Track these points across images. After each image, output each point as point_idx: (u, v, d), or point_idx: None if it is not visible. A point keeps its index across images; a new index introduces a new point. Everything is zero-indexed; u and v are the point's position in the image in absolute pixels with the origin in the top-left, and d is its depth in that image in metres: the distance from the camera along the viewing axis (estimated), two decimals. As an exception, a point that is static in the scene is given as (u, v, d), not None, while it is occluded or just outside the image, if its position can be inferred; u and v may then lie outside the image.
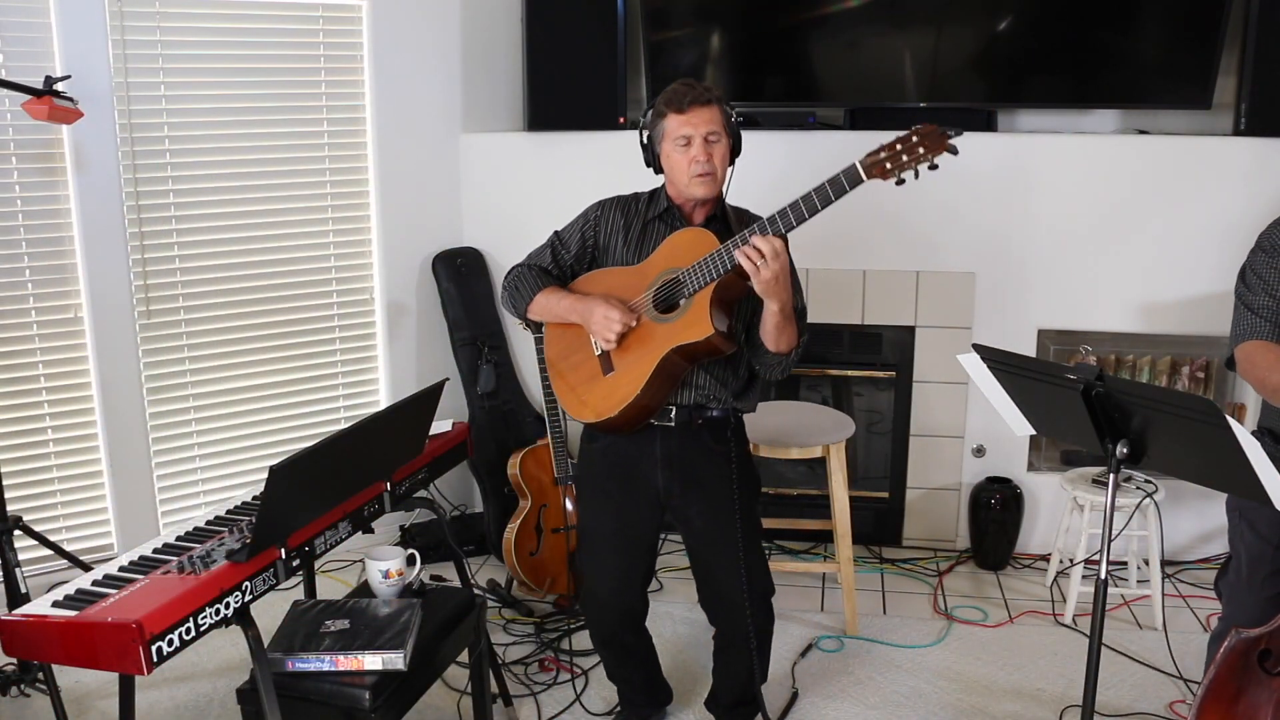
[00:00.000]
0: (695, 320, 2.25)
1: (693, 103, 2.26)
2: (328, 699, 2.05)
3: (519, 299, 2.47)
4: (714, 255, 2.21)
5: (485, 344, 3.84)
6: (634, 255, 2.40)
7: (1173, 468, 2.02)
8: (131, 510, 3.40)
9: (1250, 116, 3.40)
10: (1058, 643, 3.18)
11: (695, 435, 2.41)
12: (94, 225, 3.20)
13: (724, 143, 2.30)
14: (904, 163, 2.08)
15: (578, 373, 2.43)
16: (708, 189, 2.30)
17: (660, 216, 2.39)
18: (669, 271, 2.30)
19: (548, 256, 2.49)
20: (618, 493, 2.47)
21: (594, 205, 2.48)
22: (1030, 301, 3.63)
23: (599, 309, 2.32)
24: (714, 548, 2.46)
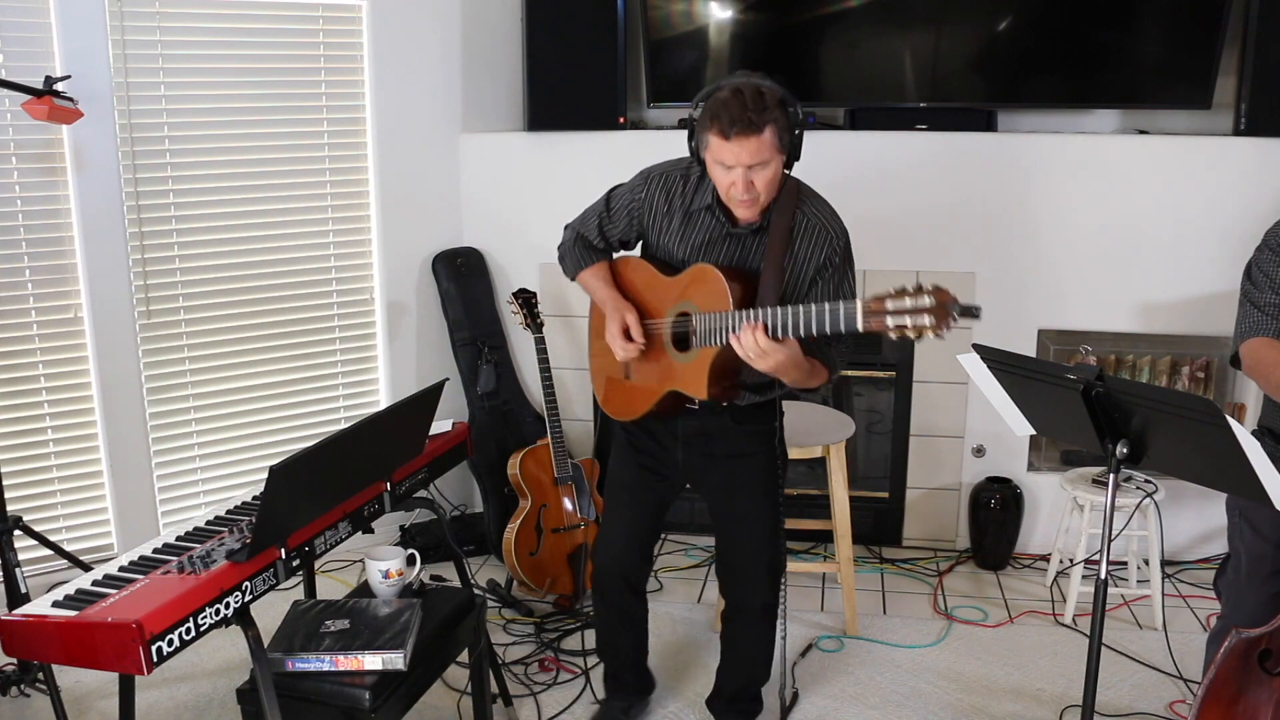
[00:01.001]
0: (694, 375, 2.24)
1: (739, 131, 2.05)
2: (328, 699, 2.05)
3: (568, 266, 2.51)
4: (721, 319, 2.14)
5: (485, 344, 3.84)
6: (672, 246, 2.33)
7: (1173, 468, 2.02)
8: (131, 510, 3.40)
9: (1250, 116, 3.39)
10: (1058, 643, 3.18)
11: (718, 416, 2.40)
12: (94, 225, 3.20)
13: (771, 167, 2.13)
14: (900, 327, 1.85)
15: (605, 359, 2.47)
16: (748, 211, 2.19)
17: (707, 208, 2.27)
18: (687, 304, 2.26)
19: (595, 230, 2.45)
20: (638, 455, 2.52)
21: (639, 178, 2.38)
22: (1030, 301, 3.63)
23: (614, 326, 2.34)
24: (734, 521, 2.49)
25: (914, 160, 3.59)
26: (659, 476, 2.53)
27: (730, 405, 2.39)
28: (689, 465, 2.47)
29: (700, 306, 2.22)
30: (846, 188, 3.62)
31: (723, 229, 2.27)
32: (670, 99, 3.81)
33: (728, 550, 2.54)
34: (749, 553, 2.49)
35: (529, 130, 3.78)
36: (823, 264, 2.25)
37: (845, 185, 3.62)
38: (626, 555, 2.60)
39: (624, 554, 2.60)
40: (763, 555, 2.48)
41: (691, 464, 2.46)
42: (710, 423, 2.41)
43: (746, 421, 2.42)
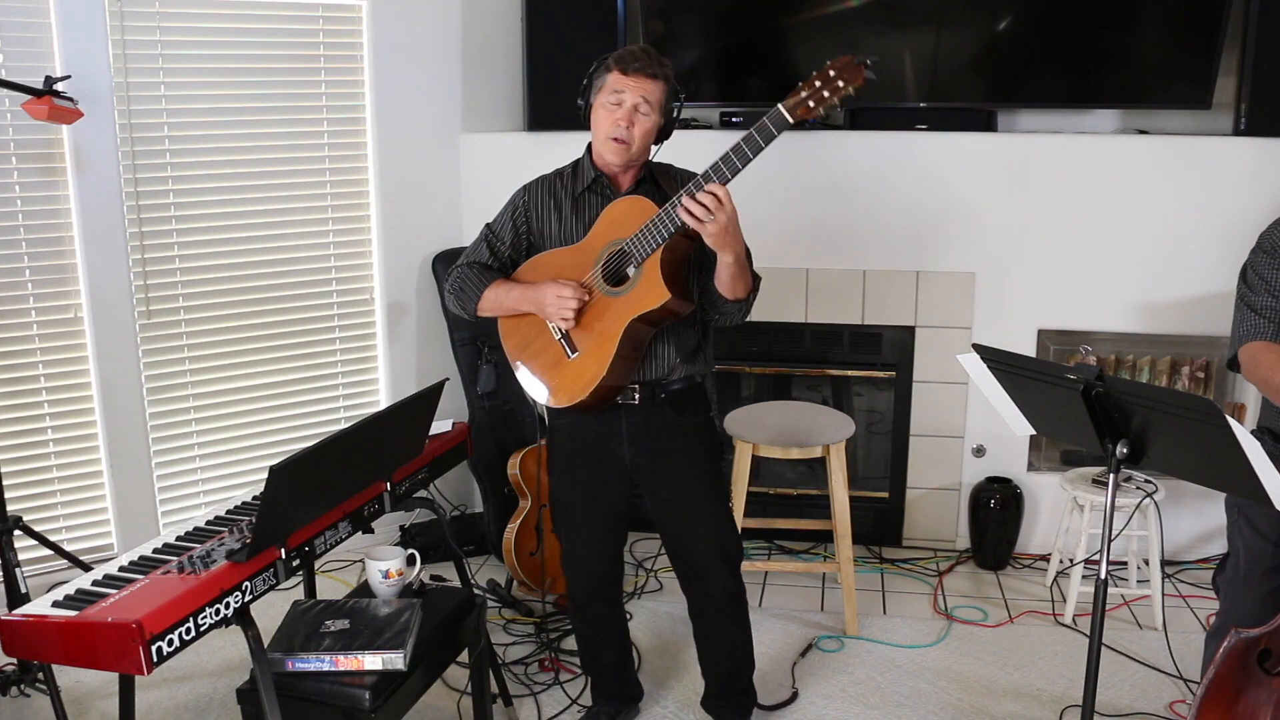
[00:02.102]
0: (649, 288, 2.25)
1: (639, 70, 2.26)
2: (328, 699, 2.05)
3: (466, 299, 2.46)
4: (656, 220, 2.21)
5: (485, 344, 3.83)
6: (571, 233, 2.39)
7: (1173, 468, 2.02)
8: (131, 510, 3.40)
9: (1250, 116, 3.40)
10: (1058, 643, 3.18)
11: (659, 410, 2.42)
12: (94, 225, 3.20)
13: (653, 119, 2.30)
14: (825, 98, 2.06)
15: (541, 360, 2.44)
16: (617, 156, 2.30)
17: (590, 188, 2.39)
18: (613, 244, 2.30)
19: (485, 251, 2.48)
20: (585, 467, 2.51)
21: (519, 191, 2.47)
22: (1030, 301, 3.63)
23: (550, 290, 2.32)
24: (683, 514, 2.50)
25: (914, 160, 3.59)
26: (608, 482, 2.52)
27: (669, 395, 2.41)
28: (636, 464, 2.47)
29: (626, 233, 2.27)
30: (846, 188, 3.64)
31: (609, 200, 2.35)
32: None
33: (683, 546, 2.54)
34: (705, 544, 2.51)
35: (529, 130, 3.78)
36: None
37: (845, 185, 3.64)
38: (597, 566, 2.60)
39: (593, 566, 2.60)
40: (719, 544, 2.50)
41: (639, 462, 2.47)
42: (653, 418, 2.42)
43: (686, 412, 2.44)
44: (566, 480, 2.57)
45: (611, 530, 2.59)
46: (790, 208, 3.61)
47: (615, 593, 2.67)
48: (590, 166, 2.40)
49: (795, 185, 3.63)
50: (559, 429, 2.54)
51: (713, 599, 2.56)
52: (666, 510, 2.51)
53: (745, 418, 3.27)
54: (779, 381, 3.97)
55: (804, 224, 3.61)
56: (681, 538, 2.53)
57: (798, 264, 3.67)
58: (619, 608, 2.70)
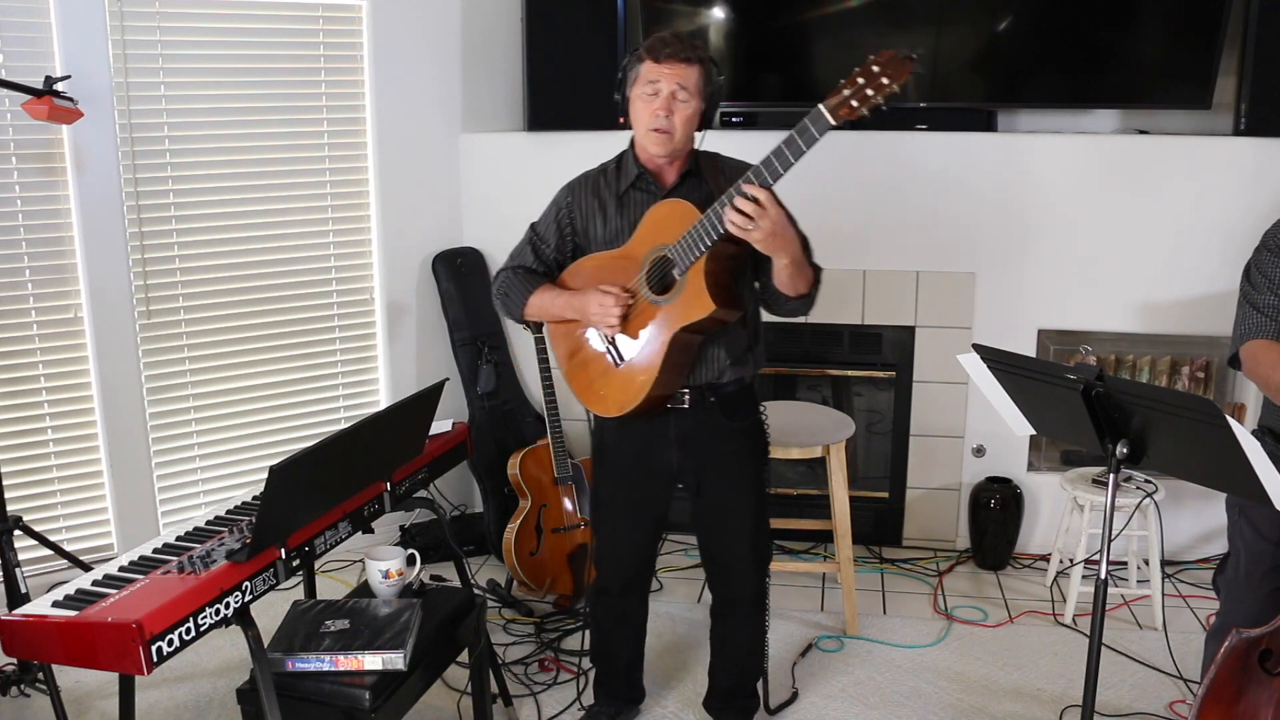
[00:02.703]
0: (694, 297, 2.20)
1: (671, 56, 2.19)
2: (328, 699, 2.05)
3: (512, 305, 2.45)
4: (699, 226, 2.14)
5: (485, 344, 3.84)
6: (617, 233, 2.35)
7: (1173, 468, 2.02)
8: (131, 510, 3.40)
9: (1250, 116, 3.40)
10: (1058, 643, 3.18)
11: (709, 413, 2.40)
12: (94, 225, 3.20)
13: (693, 104, 2.22)
14: (869, 97, 1.93)
15: (590, 369, 2.41)
16: (660, 147, 2.24)
17: (635, 185, 2.33)
18: (656, 249, 2.25)
19: (529, 255, 2.45)
20: (632, 470, 2.49)
21: (563, 191, 2.43)
22: (1030, 301, 3.63)
23: (594, 297, 2.29)
24: (723, 515, 2.49)
25: (914, 160, 3.59)
26: (654, 486, 2.52)
27: (719, 398, 2.39)
28: (684, 467, 2.46)
29: (669, 239, 2.21)
30: (846, 188, 3.64)
31: (656, 198, 2.31)
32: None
33: (719, 543, 2.54)
34: (741, 543, 2.50)
35: (529, 130, 3.78)
36: None
37: (845, 185, 3.64)
38: (631, 565, 2.60)
39: (631, 564, 2.59)
40: (754, 544, 2.51)
41: (686, 465, 2.46)
42: (703, 422, 2.40)
43: (736, 416, 2.43)
44: (612, 483, 2.54)
45: (652, 532, 2.59)
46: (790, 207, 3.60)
47: (646, 590, 2.68)
48: (633, 163, 2.33)
49: (794, 185, 3.61)
50: (606, 431, 2.51)
51: (739, 599, 2.57)
52: (708, 508, 2.51)
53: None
54: (779, 381, 3.97)
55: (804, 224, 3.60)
56: (719, 535, 2.53)
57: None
58: (645, 603, 2.70)
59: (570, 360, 2.45)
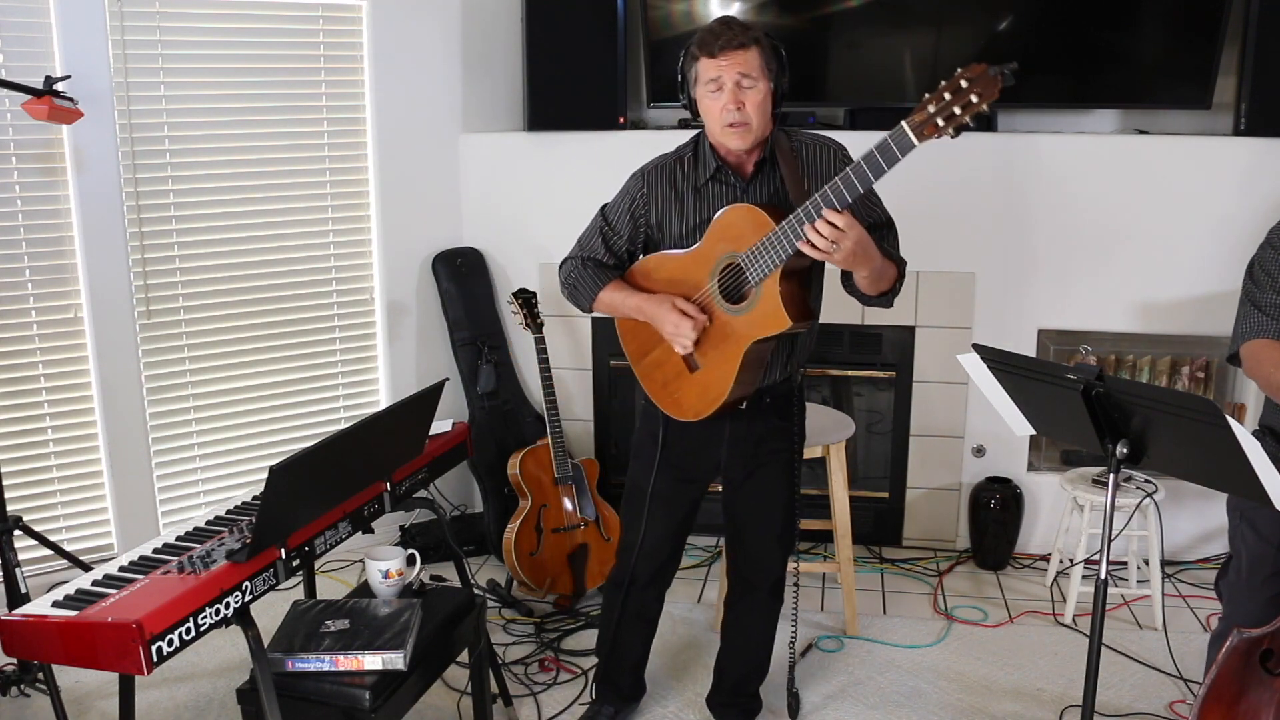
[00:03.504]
0: (769, 311, 2.14)
1: (725, 46, 2.10)
2: (328, 699, 2.05)
3: (580, 298, 2.41)
4: (772, 239, 2.07)
5: (485, 344, 3.84)
6: (695, 228, 2.28)
7: (1173, 468, 2.02)
8: (131, 510, 3.40)
9: (1250, 116, 3.40)
10: (1058, 643, 3.18)
11: (763, 415, 2.39)
12: (94, 225, 3.20)
13: (761, 87, 2.13)
14: (956, 116, 1.83)
15: (663, 370, 2.37)
16: (741, 140, 2.16)
17: (713, 178, 2.25)
18: (728, 256, 2.18)
19: (600, 246, 2.39)
20: (677, 462, 2.46)
21: (635, 179, 2.34)
22: (1030, 301, 3.63)
23: (669, 317, 2.23)
24: (757, 498, 2.49)
25: (914, 160, 3.58)
26: (693, 483, 2.51)
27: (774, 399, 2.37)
28: (732, 464, 2.45)
29: (741, 247, 2.15)
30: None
31: (736, 190, 2.25)
32: (670, 99, 3.78)
33: (746, 527, 2.53)
34: (768, 528, 2.49)
35: (529, 130, 3.78)
36: (838, 167, 2.18)
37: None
38: (662, 557, 2.58)
39: (660, 556, 2.57)
40: (781, 530, 2.50)
41: (734, 464, 2.45)
42: (756, 424, 2.39)
43: (787, 416, 2.42)
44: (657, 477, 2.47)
45: (687, 524, 2.58)
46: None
47: (667, 582, 2.66)
48: (711, 155, 2.24)
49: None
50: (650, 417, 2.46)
51: (758, 585, 2.56)
52: (742, 493, 2.50)
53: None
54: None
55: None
56: (750, 518, 2.52)
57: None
58: (663, 602, 2.69)
59: (642, 360, 2.41)
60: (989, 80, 1.81)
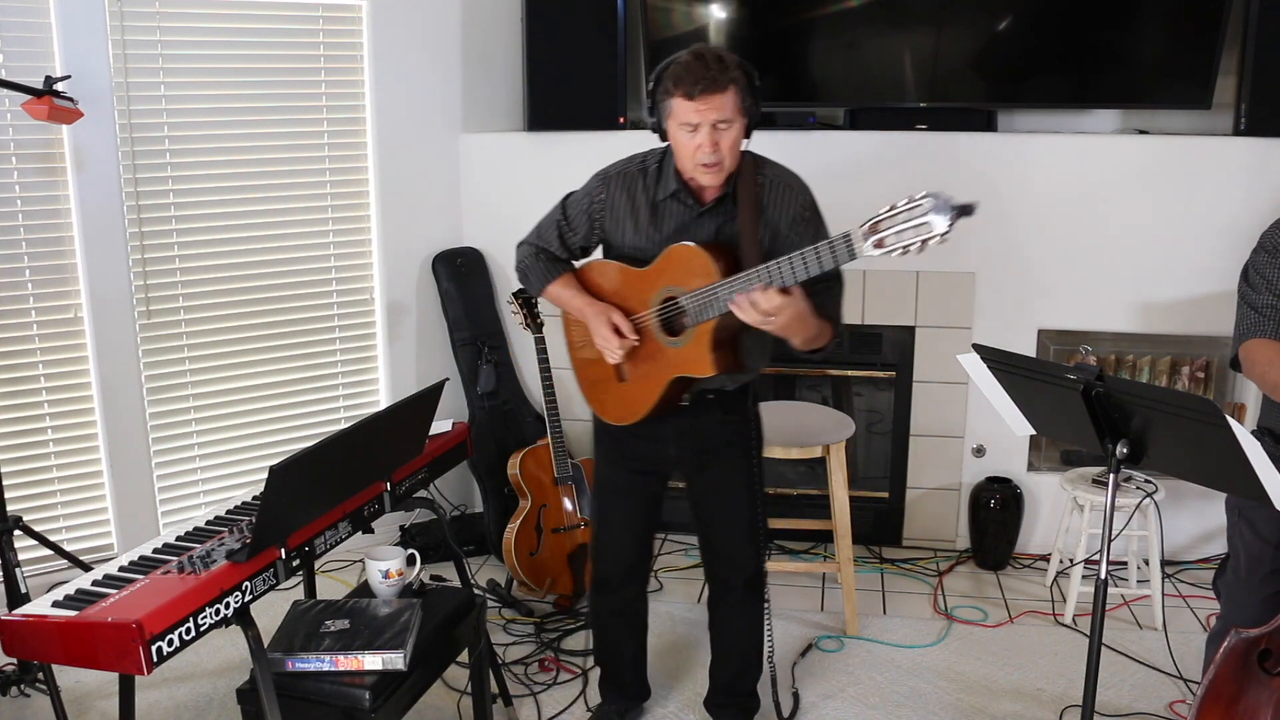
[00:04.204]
0: (698, 356, 2.23)
1: (704, 91, 2.09)
2: (328, 699, 2.05)
3: (530, 284, 2.49)
4: (712, 292, 2.14)
5: (485, 344, 3.84)
6: (646, 241, 2.31)
7: (1173, 468, 2.02)
8: (131, 510, 3.40)
9: (1250, 116, 3.40)
10: (1058, 643, 3.18)
11: (707, 409, 2.42)
12: (94, 225, 3.20)
13: (737, 126, 2.15)
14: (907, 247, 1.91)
15: (594, 369, 2.45)
16: (714, 178, 2.19)
17: (672, 196, 2.28)
18: (670, 288, 2.25)
19: (555, 240, 2.43)
20: (630, 458, 2.51)
21: (598, 181, 2.37)
22: (1030, 301, 3.63)
23: (602, 329, 2.31)
24: (717, 495, 2.51)
25: (914, 160, 3.59)
26: (650, 475, 2.55)
27: (719, 395, 2.40)
28: (681, 459, 2.49)
29: (685, 286, 2.20)
30: (847, 188, 3.63)
31: (693, 212, 2.28)
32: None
33: (712, 526, 2.56)
34: (734, 524, 2.51)
35: (529, 130, 3.78)
36: (794, 219, 2.27)
37: (846, 185, 3.62)
38: (629, 551, 2.61)
39: (627, 549, 2.60)
40: (748, 525, 2.50)
41: (684, 457, 2.48)
42: (700, 418, 2.42)
43: (732, 410, 2.45)
44: (610, 468, 2.56)
45: (647, 516, 2.60)
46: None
47: (645, 580, 2.69)
48: (674, 176, 2.26)
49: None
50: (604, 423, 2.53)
51: (734, 584, 2.57)
52: (704, 493, 2.53)
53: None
54: (779, 381, 3.97)
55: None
56: (714, 516, 2.54)
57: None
58: (645, 595, 2.71)
59: (579, 351, 2.49)
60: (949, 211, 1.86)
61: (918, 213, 1.86)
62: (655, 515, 2.62)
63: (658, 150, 2.34)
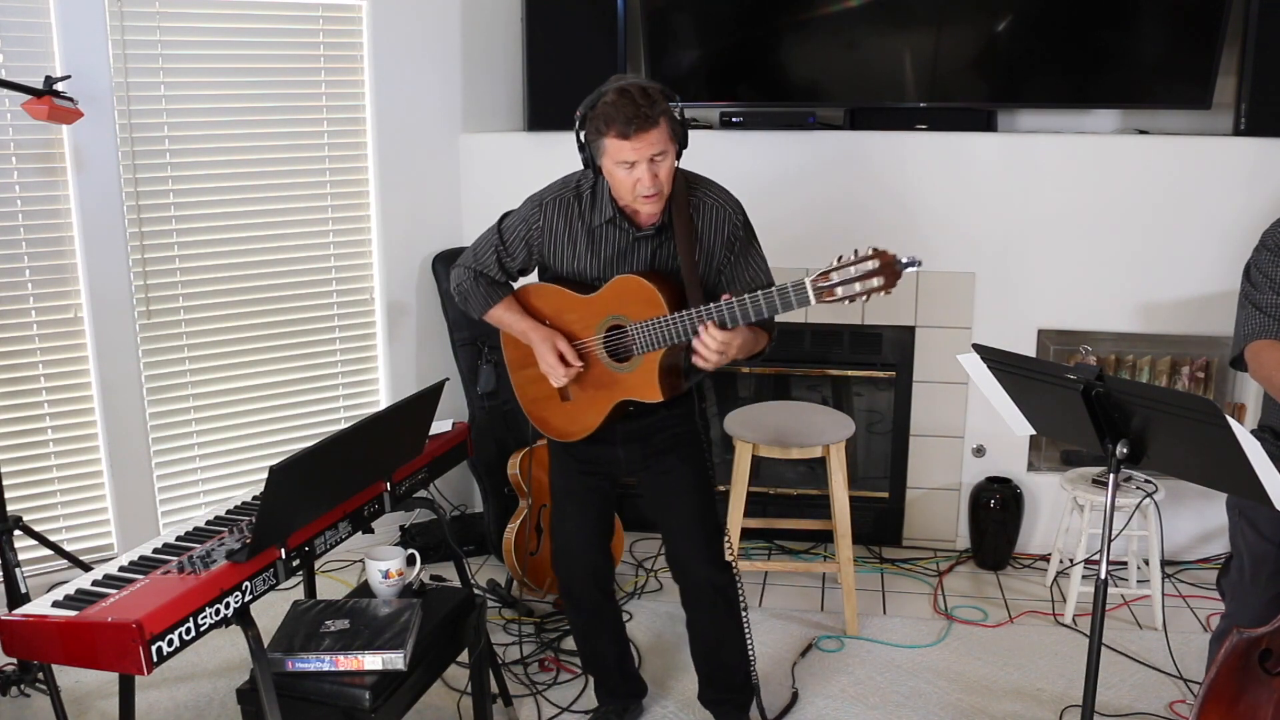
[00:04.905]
0: (644, 382, 2.29)
1: (638, 129, 2.11)
2: (328, 699, 2.05)
3: (470, 309, 2.50)
4: (661, 324, 2.21)
5: (485, 344, 3.83)
6: (585, 267, 2.36)
7: (1173, 468, 2.02)
8: (131, 510, 3.40)
9: (1250, 116, 3.40)
10: (1058, 643, 3.18)
11: (651, 411, 2.42)
12: (94, 225, 3.20)
13: (670, 156, 2.19)
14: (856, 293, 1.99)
15: (537, 387, 2.48)
16: (655, 206, 2.23)
17: (609, 222, 2.31)
18: (616, 317, 2.29)
19: (493, 263, 2.44)
20: (578, 464, 2.53)
21: (532, 206, 2.39)
22: (1030, 301, 3.63)
23: (548, 355, 2.34)
24: (667, 505, 2.52)
25: (914, 160, 3.59)
26: (600, 477, 2.56)
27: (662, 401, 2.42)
28: (630, 460, 2.50)
29: (633, 316, 2.26)
30: (847, 187, 3.64)
31: (629, 237, 2.32)
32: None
33: (667, 535, 2.57)
34: (687, 534, 2.51)
35: (529, 130, 3.78)
36: (728, 239, 2.32)
37: (846, 185, 3.64)
38: (587, 556, 2.61)
39: (584, 555, 2.60)
40: (700, 534, 2.50)
41: (632, 459, 2.50)
42: (646, 420, 2.44)
43: (675, 406, 2.45)
44: (564, 474, 2.59)
45: (599, 520, 2.61)
46: (790, 207, 3.61)
47: (608, 584, 2.68)
48: (609, 203, 2.29)
49: (796, 185, 3.63)
50: None
51: (697, 590, 2.57)
52: (655, 501, 2.56)
53: (745, 418, 3.27)
54: (779, 381, 3.97)
55: (804, 223, 3.61)
56: (666, 527, 2.56)
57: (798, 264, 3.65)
58: (613, 600, 2.71)
59: (520, 371, 2.51)
60: (892, 271, 1.97)
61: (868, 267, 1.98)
62: (608, 519, 2.64)
63: (589, 173, 2.32)
